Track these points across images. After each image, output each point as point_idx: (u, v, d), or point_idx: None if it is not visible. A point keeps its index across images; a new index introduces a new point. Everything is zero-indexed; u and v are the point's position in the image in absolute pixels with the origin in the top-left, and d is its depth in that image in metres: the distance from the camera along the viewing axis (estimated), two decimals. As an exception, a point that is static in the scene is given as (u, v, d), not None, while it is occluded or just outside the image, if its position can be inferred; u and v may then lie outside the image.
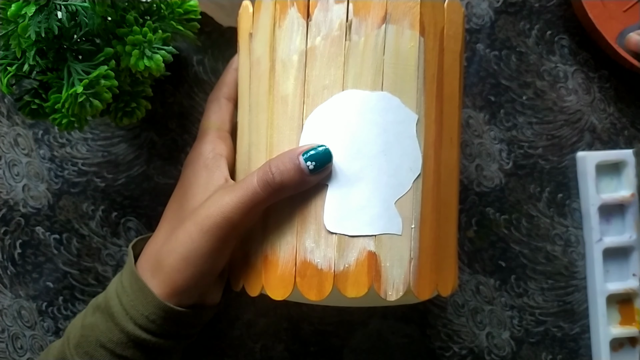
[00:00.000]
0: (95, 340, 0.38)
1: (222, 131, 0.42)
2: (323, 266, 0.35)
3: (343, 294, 0.35)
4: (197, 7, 0.40)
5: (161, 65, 0.38)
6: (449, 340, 0.50)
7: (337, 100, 0.36)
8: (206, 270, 0.37)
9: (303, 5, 0.36)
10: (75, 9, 0.35)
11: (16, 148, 0.50)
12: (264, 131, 0.38)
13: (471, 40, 0.50)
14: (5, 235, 0.50)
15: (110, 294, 0.39)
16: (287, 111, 0.37)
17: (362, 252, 0.35)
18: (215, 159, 0.40)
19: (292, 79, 0.37)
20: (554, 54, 0.50)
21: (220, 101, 0.43)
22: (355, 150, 0.36)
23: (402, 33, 0.36)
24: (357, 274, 0.35)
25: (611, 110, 0.51)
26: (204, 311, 0.40)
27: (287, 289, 0.36)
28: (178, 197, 0.41)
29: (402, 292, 0.35)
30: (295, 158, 0.35)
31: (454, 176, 0.40)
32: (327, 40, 0.36)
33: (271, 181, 0.35)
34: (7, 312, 0.49)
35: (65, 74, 0.37)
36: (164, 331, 0.38)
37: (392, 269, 0.35)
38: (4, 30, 0.36)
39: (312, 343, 0.49)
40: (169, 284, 0.37)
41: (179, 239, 0.37)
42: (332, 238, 0.35)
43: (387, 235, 0.35)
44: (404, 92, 0.36)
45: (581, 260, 0.50)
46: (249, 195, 0.36)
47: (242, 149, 0.40)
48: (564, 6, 0.50)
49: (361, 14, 0.36)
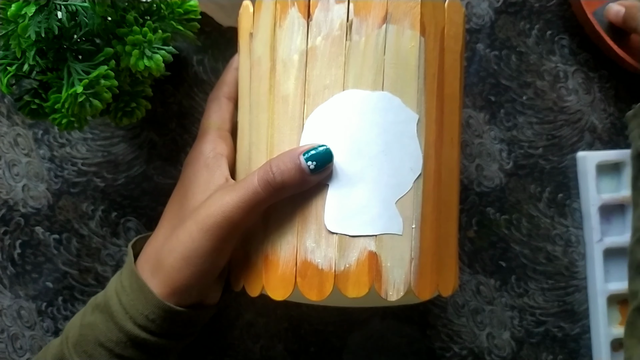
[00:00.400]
0: (94, 339, 0.38)
1: (222, 130, 0.42)
2: (324, 266, 0.35)
3: (344, 294, 0.35)
4: (197, 7, 0.40)
5: (161, 65, 0.38)
6: (449, 341, 0.50)
7: (337, 100, 0.36)
8: (206, 270, 0.37)
9: (304, 5, 0.36)
10: (75, 9, 0.35)
11: (16, 148, 0.50)
12: (264, 131, 0.38)
13: (471, 40, 0.50)
14: (5, 235, 0.49)
15: (110, 293, 0.39)
16: (288, 111, 0.37)
17: (363, 252, 0.35)
18: (216, 158, 0.40)
19: (292, 79, 0.37)
20: (554, 54, 0.50)
21: (221, 100, 0.42)
22: (355, 150, 0.36)
23: (403, 33, 0.36)
24: (358, 274, 0.35)
25: (611, 110, 0.51)
26: (203, 311, 0.40)
27: (287, 289, 0.36)
28: (178, 196, 0.41)
29: (402, 292, 0.35)
30: (296, 158, 0.35)
31: (455, 176, 0.40)
32: (327, 40, 0.36)
33: (272, 181, 0.35)
34: (6, 312, 0.49)
35: (65, 74, 0.37)
36: (163, 330, 0.38)
37: (392, 269, 0.35)
38: (4, 30, 0.36)
39: (312, 343, 0.49)
40: (168, 284, 0.37)
41: (179, 238, 0.37)
42: (332, 238, 0.35)
43: (388, 235, 0.35)
44: (405, 92, 0.36)
45: (582, 260, 0.50)
46: (249, 195, 0.36)
47: (242, 149, 0.40)
48: (564, 6, 0.50)
49: (362, 14, 0.36)
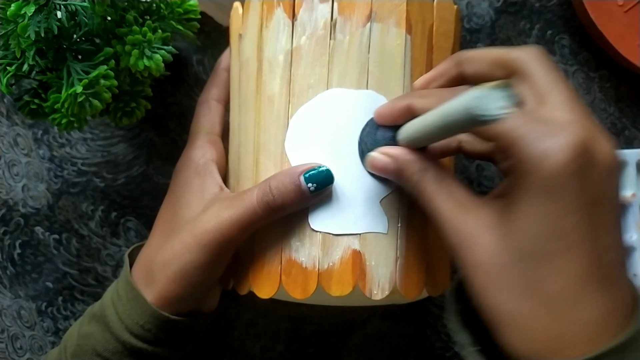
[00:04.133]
0: (92, 349, 0.38)
1: (212, 135, 0.41)
2: (308, 265, 0.35)
3: (327, 292, 0.35)
4: (196, 7, 0.40)
5: (161, 65, 0.38)
6: (449, 340, 0.50)
7: (321, 99, 0.36)
8: (202, 281, 0.37)
9: (289, 5, 0.36)
10: (74, 8, 0.35)
11: (16, 148, 0.50)
12: (251, 131, 0.38)
13: (471, 40, 0.50)
14: (4, 235, 0.49)
15: (106, 303, 0.39)
16: (274, 111, 0.37)
17: (347, 251, 0.35)
18: (206, 164, 0.40)
19: (278, 79, 0.37)
20: (554, 53, 0.50)
21: (210, 103, 0.42)
22: (339, 148, 0.36)
23: (388, 31, 0.36)
24: (342, 273, 0.35)
25: (611, 110, 0.50)
26: (200, 319, 0.39)
27: (273, 288, 0.36)
28: (170, 204, 0.41)
29: (388, 292, 0.35)
30: (296, 178, 0.35)
31: None
32: (312, 39, 0.36)
33: (272, 203, 0.35)
34: (6, 313, 0.49)
35: (64, 74, 0.36)
36: (159, 340, 0.38)
37: (377, 267, 0.35)
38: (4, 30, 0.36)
39: (312, 343, 0.49)
40: (163, 294, 0.37)
41: (175, 249, 0.37)
42: (316, 236, 0.35)
43: (372, 234, 0.35)
44: (390, 90, 0.36)
45: None
46: (248, 215, 0.35)
47: (233, 149, 0.40)
48: (564, 6, 0.50)
49: (346, 13, 0.36)
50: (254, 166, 0.38)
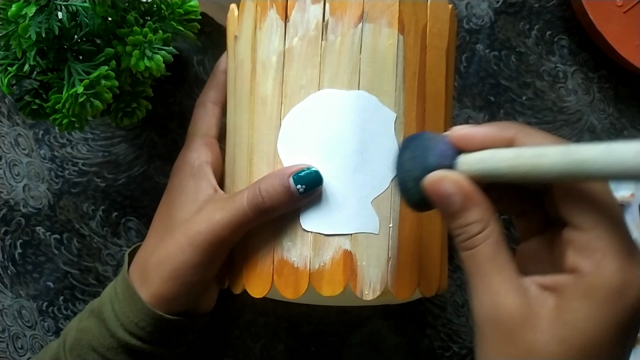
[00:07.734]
0: (88, 344, 0.38)
1: (208, 137, 0.42)
2: (299, 264, 0.35)
3: (318, 292, 0.35)
4: (197, 8, 0.40)
5: (161, 65, 0.38)
6: (449, 340, 0.50)
7: (313, 99, 0.36)
8: (196, 281, 0.37)
9: (282, 7, 0.37)
10: (75, 9, 0.35)
11: (17, 148, 0.50)
12: (245, 132, 0.38)
13: (471, 41, 0.50)
14: (5, 235, 0.50)
15: (104, 300, 0.39)
16: (266, 112, 0.37)
17: (338, 251, 0.35)
18: (202, 167, 0.40)
19: (270, 80, 0.37)
20: (553, 54, 0.50)
21: (207, 106, 0.42)
22: (330, 149, 0.36)
23: (380, 31, 0.36)
24: (333, 273, 0.35)
25: (611, 111, 0.51)
26: (196, 319, 0.40)
27: (265, 287, 0.36)
28: (166, 206, 0.41)
29: (379, 292, 0.35)
30: (285, 180, 0.35)
31: None
32: (304, 40, 0.36)
33: (261, 204, 0.35)
34: (7, 312, 0.49)
35: (65, 74, 0.37)
36: (153, 338, 0.38)
37: (368, 268, 0.35)
38: (5, 31, 0.36)
39: (312, 343, 0.49)
40: (157, 292, 0.37)
41: (169, 249, 0.37)
42: (307, 236, 0.35)
43: (364, 234, 0.35)
44: (382, 91, 0.36)
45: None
46: (239, 217, 0.36)
47: (229, 150, 0.41)
48: (564, 6, 0.50)
49: (337, 14, 0.36)
50: (248, 167, 0.38)
